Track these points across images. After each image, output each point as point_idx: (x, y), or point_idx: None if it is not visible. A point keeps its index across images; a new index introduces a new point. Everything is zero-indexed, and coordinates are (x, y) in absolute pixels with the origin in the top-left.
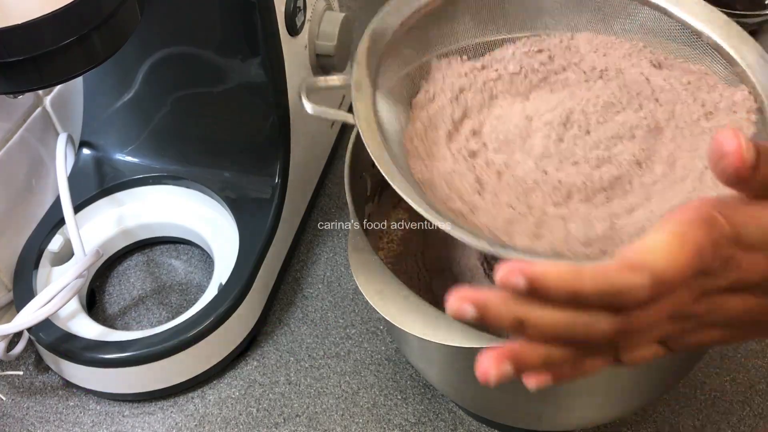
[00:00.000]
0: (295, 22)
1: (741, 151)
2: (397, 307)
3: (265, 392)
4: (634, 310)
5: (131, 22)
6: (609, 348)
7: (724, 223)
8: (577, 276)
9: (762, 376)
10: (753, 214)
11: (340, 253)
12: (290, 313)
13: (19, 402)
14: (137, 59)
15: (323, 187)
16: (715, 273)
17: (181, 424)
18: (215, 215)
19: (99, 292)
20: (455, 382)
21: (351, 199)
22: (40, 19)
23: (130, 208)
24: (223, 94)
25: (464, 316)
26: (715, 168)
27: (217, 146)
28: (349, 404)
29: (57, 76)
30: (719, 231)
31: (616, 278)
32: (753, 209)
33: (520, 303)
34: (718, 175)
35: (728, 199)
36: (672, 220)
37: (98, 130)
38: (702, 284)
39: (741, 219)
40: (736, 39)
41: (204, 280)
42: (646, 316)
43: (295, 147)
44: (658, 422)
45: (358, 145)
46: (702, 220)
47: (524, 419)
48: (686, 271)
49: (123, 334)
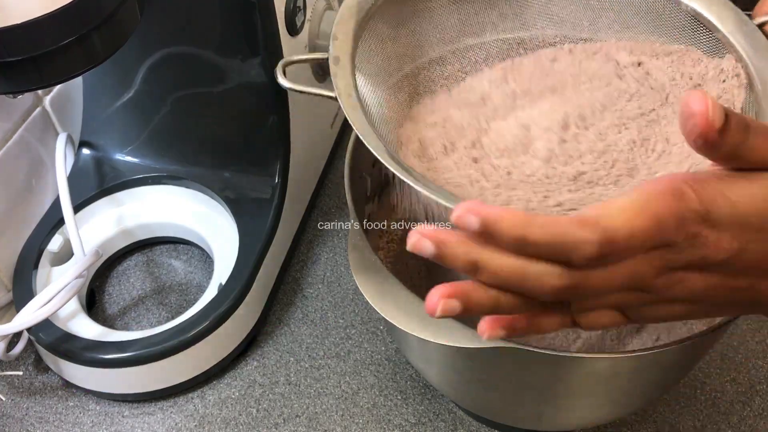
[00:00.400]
0: (295, 22)
1: (707, 113)
2: (397, 307)
3: (265, 392)
4: (583, 267)
5: (131, 22)
6: (562, 306)
7: (693, 198)
8: (528, 223)
9: (762, 376)
10: (723, 190)
11: (340, 253)
12: (290, 313)
13: (18, 402)
14: (137, 59)
15: (323, 187)
16: (679, 248)
17: (181, 424)
18: (215, 215)
19: (99, 292)
20: (455, 382)
21: (351, 199)
22: (40, 19)
23: (130, 208)
24: (223, 94)
25: (422, 250)
26: (684, 130)
27: (216, 146)
28: (349, 404)
29: (57, 76)
30: (686, 205)
31: (566, 230)
32: (725, 186)
33: (476, 246)
34: (687, 138)
35: (702, 175)
36: (640, 189)
37: (98, 130)
38: (664, 257)
39: (711, 195)
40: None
41: (204, 280)
42: (598, 278)
43: (295, 147)
44: (658, 422)
45: (358, 145)
46: (670, 191)
47: (524, 419)
48: (640, 237)
49: (123, 335)
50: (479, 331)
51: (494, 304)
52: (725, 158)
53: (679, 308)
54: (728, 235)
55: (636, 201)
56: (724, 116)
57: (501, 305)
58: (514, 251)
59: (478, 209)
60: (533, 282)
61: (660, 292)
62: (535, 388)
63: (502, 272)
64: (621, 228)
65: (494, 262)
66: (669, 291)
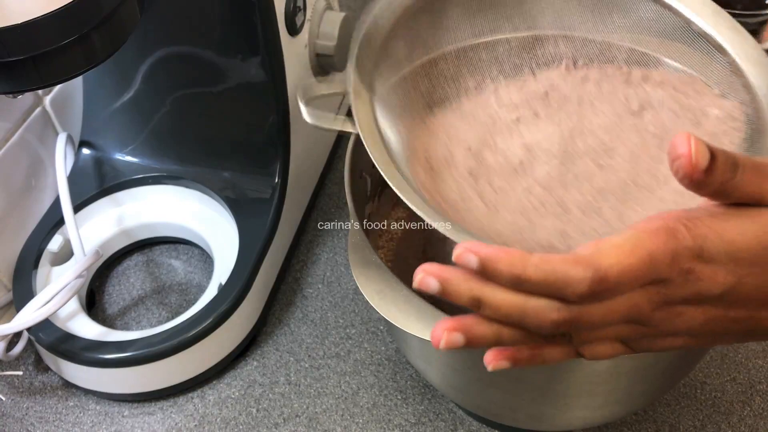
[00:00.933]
0: (295, 22)
1: (691, 155)
2: (397, 307)
3: (265, 392)
4: (578, 303)
5: (131, 21)
6: (563, 339)
7: (686, 235)
8: (523, 262)
9: (762, 376)
10: (716, 227)
11: (340, 253)
12: (290, 313)
13: (18, 402)
14: (137, 59)
15: (323, 187)
16: (675, 283)
17: (180, 424)
18: (215, 215)
19: (99, 292)
20: (455, 382)
21: (351, 199)
22: (39, 18)
23: (130, 208)
24: (223, 94)
25: (428, 288)
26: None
27: (217, 146)
28: (349, 404)
29: (57, 75)
30: (680, 242)
31: (559, 269)
32: (717, 222)
33: (478, 283)
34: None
35: (695, 212)
36: (634, 227)
37: (98, 129)
38: (660, 292)
39: (703, 232)
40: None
41: (204, 280)
42: (596, 312)
43: (295, 147)
44: (658, 422)
45: (358, 145)
46: (663, 230)
47: (524, 419)
48: (632, 274)
49: (122, 335)
50: (485, 362)
51: (497, 337)
52: (714, 195)
53: (680, 340)
54: (723, 270)
55: (629, 239)
56: (709, 156)
57: (503, 338)
58: (513, 288)
59: (477, 249)
60: (533, 316)
61: (659, 326)
62: (535, 388)
63: (502, 308)
64: (613, 266)
65: (495, 298)
66: (668, 324)
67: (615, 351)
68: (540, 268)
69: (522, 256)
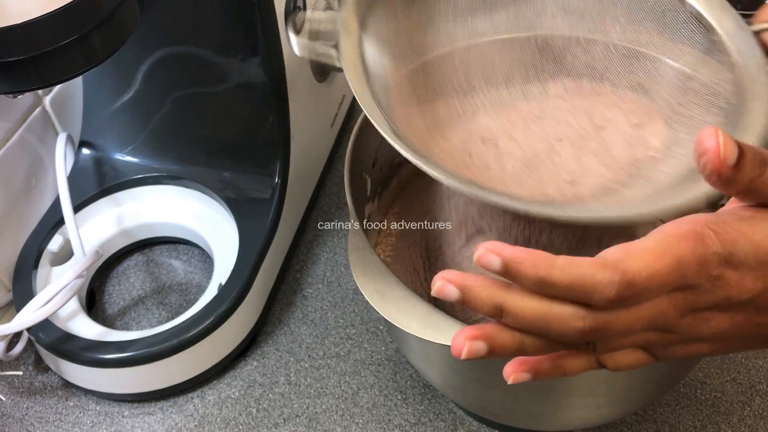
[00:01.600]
0: (295, 22)
1: (719, 149)
2: (397, 307)
3: (265, 392)
4: (604, 309)
5: (131, 21)
6: (586, 347)
7: (714, 240)
8: (549, 264)
9: (762, 376)
10: (745, 231)
11: (340, 253)
12: (290, 313)
13: (18, 402)
14: (137, 59)
15: (323, 187)
16: (702, 289)
17: (180, 424)
18: (215, 215)
19: (99, 292)
20: (455, 382)
21: (351, 199)
22: (39, 19)
23: (130, 208)
24: (223, 94)
25: (448, 296)
26: (698, 165)
27: (216, 146)
28: (349, 404)
29: (56, 76)
30: (709, 248)
31: (586, 272)
32: (745, 226)
33: (499, 290)
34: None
35: (723, 216)
36: (661, 231)
37: (98, 129)
38: (688, 299)
39: (732, 236)
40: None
41: (204, 280)
42: (622, 319)
43: (295, 147)
44: (658, 422)
45: (358, 144)
46: (692, 235)
47: (524, 419)
48: (661, 280)
49: (122, 335)
50: (504, 375)
51: (519, 345)
52: (742, 193)
53: (706, 346)
54: (751, 275)
55: (658, 243)
56: (738, 151)
57: (526, 347)
58: (536, 292)
59: (500, 250)
60: (557, 325)
61: (685, 332)
62: (535, 388)
63: (525, 316)
64: (642, 271)
65: (518, 306)
66: (694, 330)
67: (638, 360)
68: (566, 271)
69: (547, 258)
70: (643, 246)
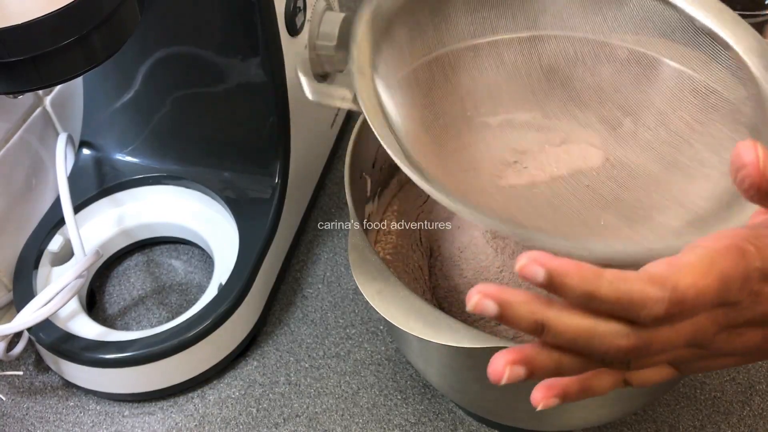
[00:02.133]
0: (295, 22)
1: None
2: (397, 307)
3: (265, 392)
4: (649, 325)
5: (131, 22)
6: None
7: (756, 256)
8: (597, 277)
9: (762, 376)
10: None
11: (340, 253)
12: (290, 313)
13: (19, 402)
14: (137, 59)
15: (323, 187)
16: (742, 305)
17: (181, 424)
18: (215, 215)
19: (99, 292)
20: (455, 382)
21: (351, 199)
22: (39, 19)
23: (130, 208)
24: (223, 94)
25: (485, 312)
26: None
27: (217, 146)
28: (349, 404)
29: (57, 76)
30: (750, 263)
31: (636, 287)
32: None
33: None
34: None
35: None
36: (703, 246)
37: (98, 130)
38: (729, 316)
39: None
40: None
41: (204, 280)
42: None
43: (295, 147)
44: (657, 422)
45: (358, 145)
46: (734, 249)
47: (524, 419)
48: (708, 296)
49: (123, 335)
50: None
51: (557, 366)
52: None
53: (732, 360)
54: None
55: (703, 259)
56: None
57: (564, 367)
58: (580, 306)
59: (545, 260)
60: (599, 342)
61: (717, 348)
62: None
63: (569, 332)
64: (690, 288)
65: (561, 322)
66: (727, 346)
67: (663, 376)
68: (614, 285)
69: (595, 272)
70: (689, 261)
